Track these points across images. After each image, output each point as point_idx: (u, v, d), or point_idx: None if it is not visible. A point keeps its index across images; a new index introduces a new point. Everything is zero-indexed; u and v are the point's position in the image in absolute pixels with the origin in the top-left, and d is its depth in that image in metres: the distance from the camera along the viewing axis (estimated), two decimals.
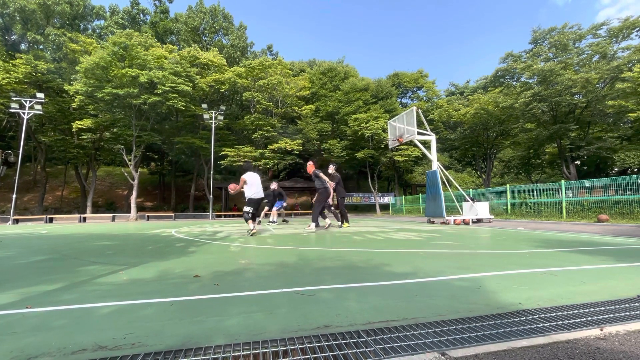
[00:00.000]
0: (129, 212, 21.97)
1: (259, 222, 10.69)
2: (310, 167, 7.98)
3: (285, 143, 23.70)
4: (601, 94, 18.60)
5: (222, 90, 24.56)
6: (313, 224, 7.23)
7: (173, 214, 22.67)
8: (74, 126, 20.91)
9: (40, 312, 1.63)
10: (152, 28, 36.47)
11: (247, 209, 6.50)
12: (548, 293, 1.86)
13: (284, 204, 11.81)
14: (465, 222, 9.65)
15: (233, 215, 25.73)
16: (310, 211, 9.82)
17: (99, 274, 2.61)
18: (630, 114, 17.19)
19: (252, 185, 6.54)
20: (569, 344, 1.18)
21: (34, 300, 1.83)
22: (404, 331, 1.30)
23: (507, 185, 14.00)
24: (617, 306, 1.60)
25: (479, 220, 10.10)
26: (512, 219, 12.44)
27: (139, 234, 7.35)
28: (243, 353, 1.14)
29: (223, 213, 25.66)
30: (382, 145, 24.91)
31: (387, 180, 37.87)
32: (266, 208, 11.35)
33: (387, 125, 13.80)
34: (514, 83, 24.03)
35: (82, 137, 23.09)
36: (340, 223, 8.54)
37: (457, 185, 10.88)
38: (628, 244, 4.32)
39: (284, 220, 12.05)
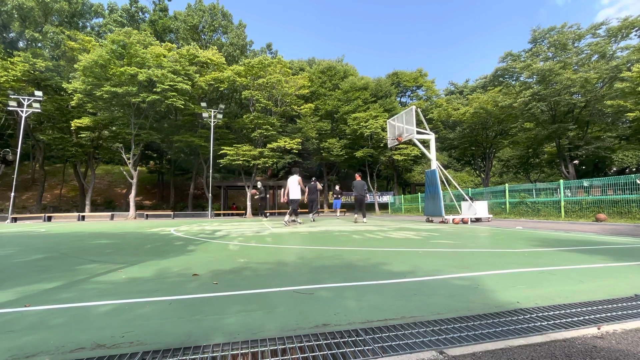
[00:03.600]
0: (128, 211, 21.92)
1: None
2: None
3: (285, 142, 23.64)
4: (600, 93, 18.63)
5: (221, 88, 24.44)
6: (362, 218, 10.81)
7: (172, 213, 22.64)
8: (72, 124, 20.80)
9: (38, 310, 1.63)
10: (151, 26, 36.27)
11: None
12: (546, 292, 1.86)
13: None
14: (464, 221, 9.66)
15: (232, 214, 25.72)
16: (307, 210, 11.40)
17: (97, 272, 2.61)
18: (628, 114, 17.22)
19: (290, 188, 9.30)
20: (566, 343, 1.18)
21: (32, 299, 1.83)
22: (402, 330, 1.31)
23: (506, 185, 14.02)
24: (615, 305, 1.61)
25: (477, 220, 10.12)
26: (511, 218, 12.47)
27: (137, 232, 7.34)
28: (241, 351, 1.14)
29: (222, 212, 25.64)
30: (381, 144, 24.91)
31: (386, 179, 37.91)
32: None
33: (386, 124, 13.81)
34: (513, 82, 24.04)
35: (81, 135, 23.00)
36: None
37: (456, 185, 10.90)
38: (626, 243, 4.34)
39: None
